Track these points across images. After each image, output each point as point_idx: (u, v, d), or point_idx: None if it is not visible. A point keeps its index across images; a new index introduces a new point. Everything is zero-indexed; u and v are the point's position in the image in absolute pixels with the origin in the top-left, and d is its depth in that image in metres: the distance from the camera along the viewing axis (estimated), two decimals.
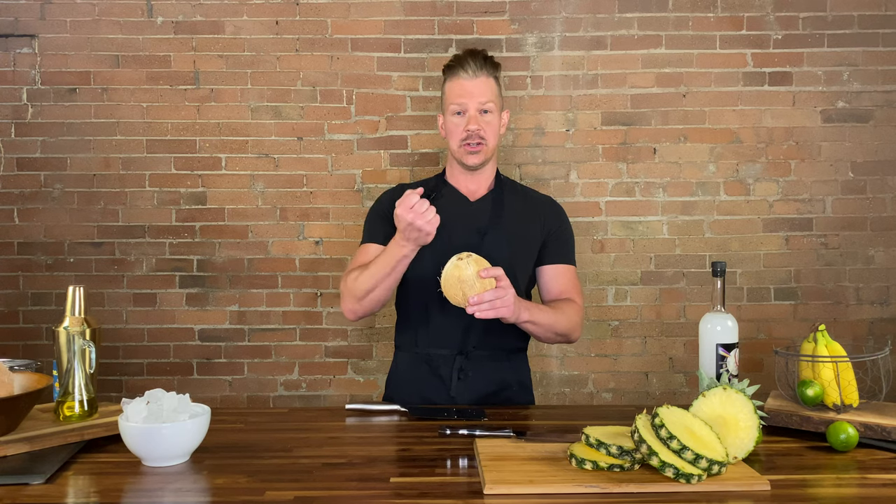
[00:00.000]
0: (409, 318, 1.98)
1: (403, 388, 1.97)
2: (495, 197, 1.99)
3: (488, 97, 1.91)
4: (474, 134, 1.89)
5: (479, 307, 1.63)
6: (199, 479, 1.31)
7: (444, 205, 1.92)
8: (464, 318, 1.84)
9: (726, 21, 2.89)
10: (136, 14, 2.87)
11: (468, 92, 1.90)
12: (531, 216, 2.00)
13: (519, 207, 2.00)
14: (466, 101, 1.90)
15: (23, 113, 2.88)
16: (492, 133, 1.93)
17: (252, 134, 2.90)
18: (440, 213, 1.83)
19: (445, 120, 1.96)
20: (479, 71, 1.90)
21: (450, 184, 2.01)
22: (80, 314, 1.69)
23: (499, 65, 1.97)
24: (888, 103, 2.90)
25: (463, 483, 1.28)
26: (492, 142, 1.93)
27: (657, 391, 2.94)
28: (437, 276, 1.68)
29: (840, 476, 1.32)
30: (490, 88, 1.91)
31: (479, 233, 1.92)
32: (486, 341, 1.92)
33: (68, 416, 1.52)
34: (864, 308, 2.93)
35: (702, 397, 1.41)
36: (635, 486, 1.23)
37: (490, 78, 1.92)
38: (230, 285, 2.91)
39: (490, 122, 1.92)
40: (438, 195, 1.89)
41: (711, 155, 2.91)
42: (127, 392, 2.88)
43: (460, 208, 1.97)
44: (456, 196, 1.98)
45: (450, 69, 1.94)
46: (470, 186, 2.00)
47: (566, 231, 2.05)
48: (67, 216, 2.90)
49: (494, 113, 1.93)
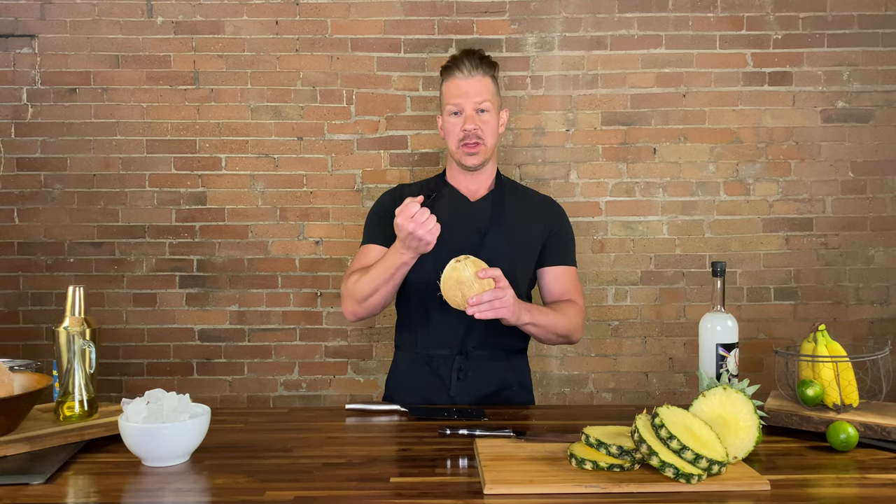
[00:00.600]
0: (409, 318, 1.98)
1: (403, 389, 1.97)
2: (496, 197, 1.99)
3: (484, 96, 1.90)
4: (471, 134, 1.89)
5: (479, 308, 1.63)
6: (199, 479, 1.31)
7: (445, 205, 1.92)
8: (464, 318, 1.84)
9: (726, 21, 2.89)
10: (136, 14, 2.87)
11: (464, 92, 1.89)
12: (532, 217, 2.00)
13: (520, 208, 2.00)
14: (462, 101, 1.89)
15: (23, 113, 2.88)
16: (489, 132, 1.92)
17: (252, 134, 2.90)
18: (440, 213, 1.83)
19: (444, 121, 1.96)
20: (474, 70, 1.90)
21: (450, 184, 2.01)
22: (80, 314, 1.69)
23: (496, 64, 1.96)
24: (888, 103, 2.90)
25: (463, 483, 1.28)
26: (490, 141, 1.92)
27: (657, 391, 2.94)
28: (437, 280, 1.68)
29: (840, 476, 1.32)
30: (486, 87, 1.91)
31: (480, 233, 1.92)
32: (485, 342, 1.92)
33: (68, 416, 1.52)
34: (864, 308, 2.93)
35: (702, 397, 1.41)
36: (635, 486, 1.23)
37: (486, 77, 1.92)
38: (230, 285, 2.91)
39: (487, 121, 1.91)
40: (439, 196, 1.89)
41: (711, 155, 2.91)
42: (127, 392, 2.88)
43: (461, 209, 1.97)
44: (456, 196, 1.98)
45: (446, 70, 1.94)
46: (470, 187, 2.00)
47: (567, 232, 2.05)
48: (67, 216, 2.90)
49: (492, 112, 1.92)
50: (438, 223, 1.70)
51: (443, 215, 1.90)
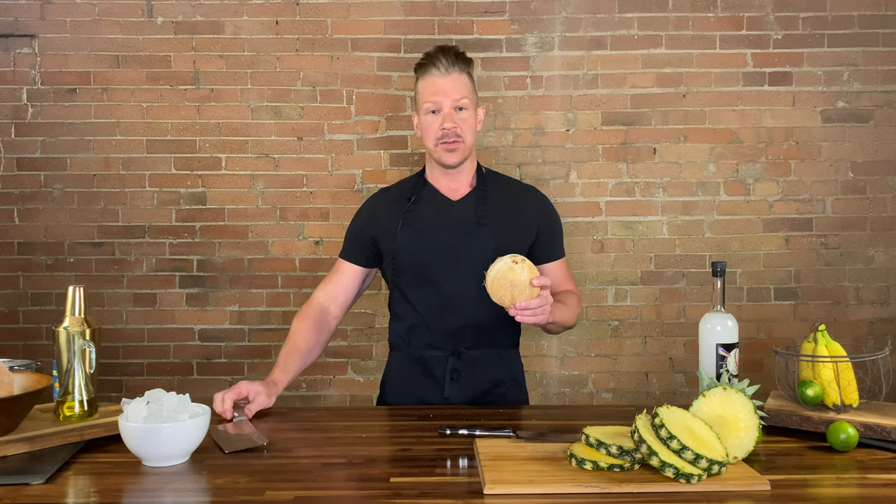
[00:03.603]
0: (402, 319, 1.97)
1: (397, 390, 1.96)
2: (478, 195, 1.96)
3: (462, 93, 1.88)
4: (450, 132, 1.87)
5: (523, 313, 1.64)
6: (199, 479, 1.31)
7: (425, 206, 1.91)
8: (456, 319, 1.87)
9: (726, 21, 2.89)
10: (136, 14, 2.87)
11: (441, 90, 1.87)
12: (519, 213, 1.97)
13: (505, 205, 1.96)
14: (440, 99, 1.87)
15: (23, 113, 2.88)
16: (468, 130, 1.90)
17: (252, 134, 2.90)
18: (421, 215, 1.82)
19: (420, 119, 1.92)
20: (451, 67, 1.87)
21: (430, 184, 1.98)
22: (80, 314, 1.69)
23: (471, 60, 1.93)
24: (888, 103, 2.90)
25: (463, 483, 1.28)
26: (469, 139, 1.90)
27: (657, 391, 2.94)
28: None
29: (840, 476, 1.32)
30: (464, 85, 1.89)
31: (464, 233, 1.90)
32: (478, 341, 1.91)
33: (68, 416, 1.52)
34: (864, 308, 2.93)
35: (702, 397, 1.41)
36: (635, 486, 1.22)
37: (463, 74, 1.89)
38: (230, 285, 2.91)
39: (466, 119, 1.89)
40: (419, 198, 1.88)
41: (711, 155, 2.91)
42: (127, 392, 2.87)
43: (441, 209, 1.94)
44: (437, 197, 1.96)
45: (421, 67, 1.90)
46: (451, 185, 1.97)
47: (556, 225, 2.03)
48: (67, 216, 2.89)
49: (470, 109, 1.90)
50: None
51: (424, 216, 1.90)
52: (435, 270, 1.87)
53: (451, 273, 1.87)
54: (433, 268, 1.88)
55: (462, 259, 1.86)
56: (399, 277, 1.90)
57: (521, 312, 1.64)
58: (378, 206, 1.98)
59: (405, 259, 1.89)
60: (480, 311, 1.84)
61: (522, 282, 1.62)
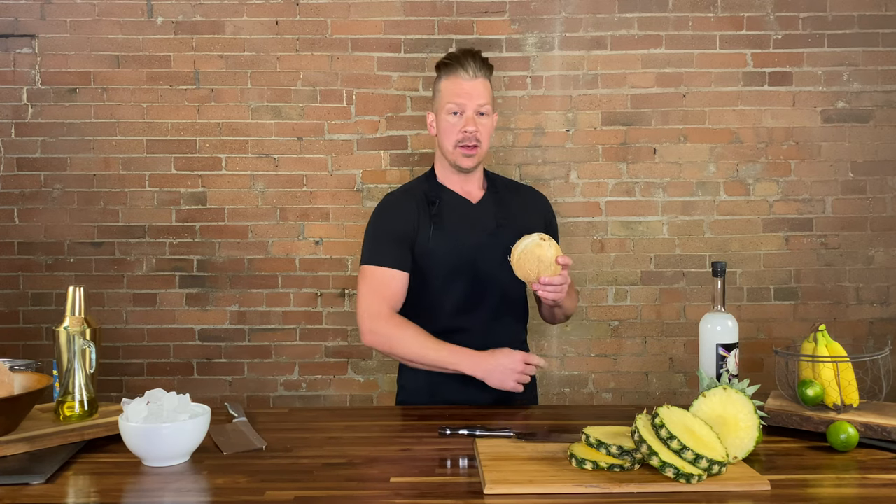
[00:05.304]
0: (416, 319, 1.97)
1: (417, 391, 1.96)
2: (494, 197, 2.00)
3: (486, 99, 1.90)
4: (471, 136, 1.89)
5: (546, 288, 1.71)
6: (199, 479, 1.31)
7: (449, 209, 1.94)
8: (469, 319, 1.90)
9: (726, 21, 2.89)
10: (136, 14, 2.87)
11: (467, 93, 1.89)
12: (530, 211, 2.04)
13: (517, 204, 2.02)
14: (465, 101, 1.89)
15: (23, 113, 2.88)
16: (486, 136, 1.92)
17: (252, 134, 2.90)
18: (448, 217, 1.87)
19: (439, 119, 1.93)
20: (478, 72, 1.90)
21: (446, 186, 1.99)
22: (80, 314, 1.69)
23: (493, 67, 1.97)
24: (888, 103, 2.90)
25: (463, 483, 1.28)
26: (486, 145, 1.93)
27: (657, 391, 2.94)
28: (507, 255, 1.74)
29: (840, 476, 1.32)
30: (487, 90, 1.92)
31: (489, 235, 1.93)
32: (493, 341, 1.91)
33: (68, 416, 1.52)
34: (864, 308, 2.93)
35: (702, 397, 1.41)
36: (635, 486, 1.23)
37: (486, 80, 1.92)
38: (230, 285, 2.91)
39: (485, 124, 1.92)
40: (441, 202, 1.90)
41: (711, 155, 2.91)
42: (127, 392, 2.87)
43: (466, 212, 1.96)
44: (458, 199, 1.98)
45: (447, 67, 1.92)
46: (465, 188, 1.99)
47: (555, 222, 2.12)
48: (67, 216, 2.89)
49: (489, 115, 1.93)
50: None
51: (449, 218, 1.91)
52: (463, 272, 1.91)
53: (477, 274, 1.91)
54: (461, 270, 1.91)
55: (488, 260, 1.91)
56: (427, 279, 1.92)
57: (545, 288, 1.72)
58: (405, 208, 1.96)
59: (435, 261, 1.91)
60: (501, 310, 1.94)
61: (549, 258, 1.69)
